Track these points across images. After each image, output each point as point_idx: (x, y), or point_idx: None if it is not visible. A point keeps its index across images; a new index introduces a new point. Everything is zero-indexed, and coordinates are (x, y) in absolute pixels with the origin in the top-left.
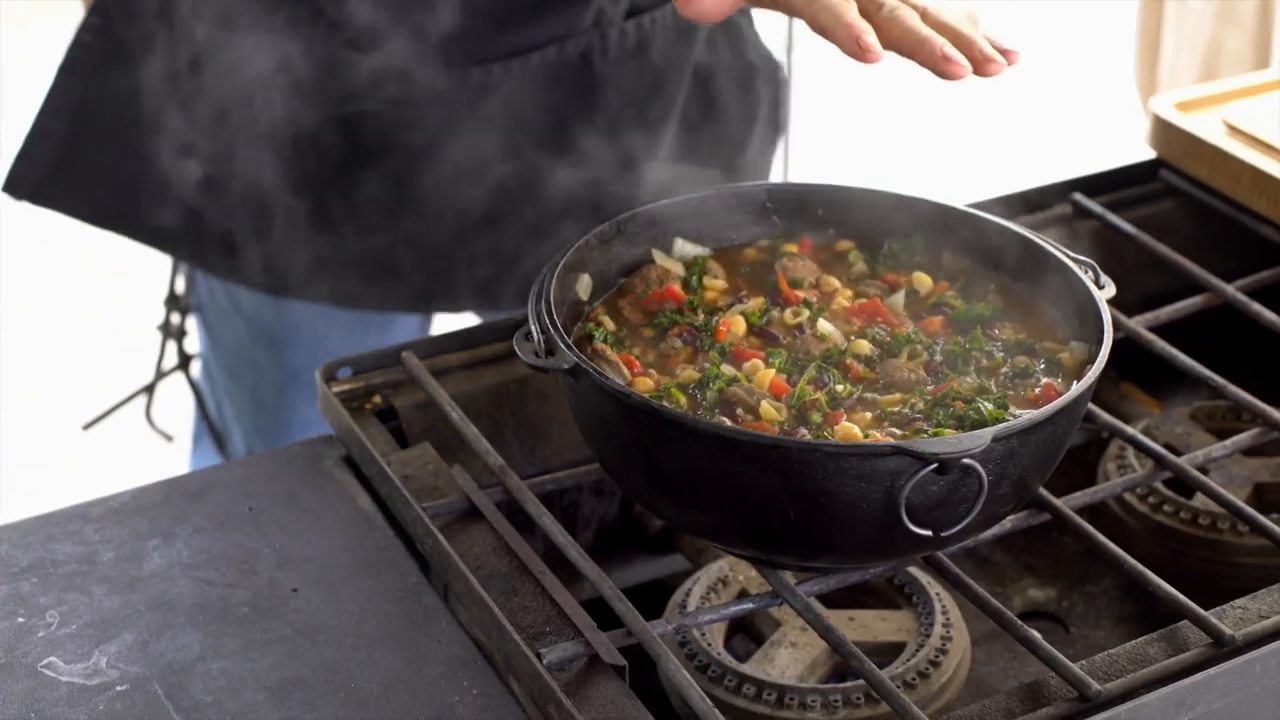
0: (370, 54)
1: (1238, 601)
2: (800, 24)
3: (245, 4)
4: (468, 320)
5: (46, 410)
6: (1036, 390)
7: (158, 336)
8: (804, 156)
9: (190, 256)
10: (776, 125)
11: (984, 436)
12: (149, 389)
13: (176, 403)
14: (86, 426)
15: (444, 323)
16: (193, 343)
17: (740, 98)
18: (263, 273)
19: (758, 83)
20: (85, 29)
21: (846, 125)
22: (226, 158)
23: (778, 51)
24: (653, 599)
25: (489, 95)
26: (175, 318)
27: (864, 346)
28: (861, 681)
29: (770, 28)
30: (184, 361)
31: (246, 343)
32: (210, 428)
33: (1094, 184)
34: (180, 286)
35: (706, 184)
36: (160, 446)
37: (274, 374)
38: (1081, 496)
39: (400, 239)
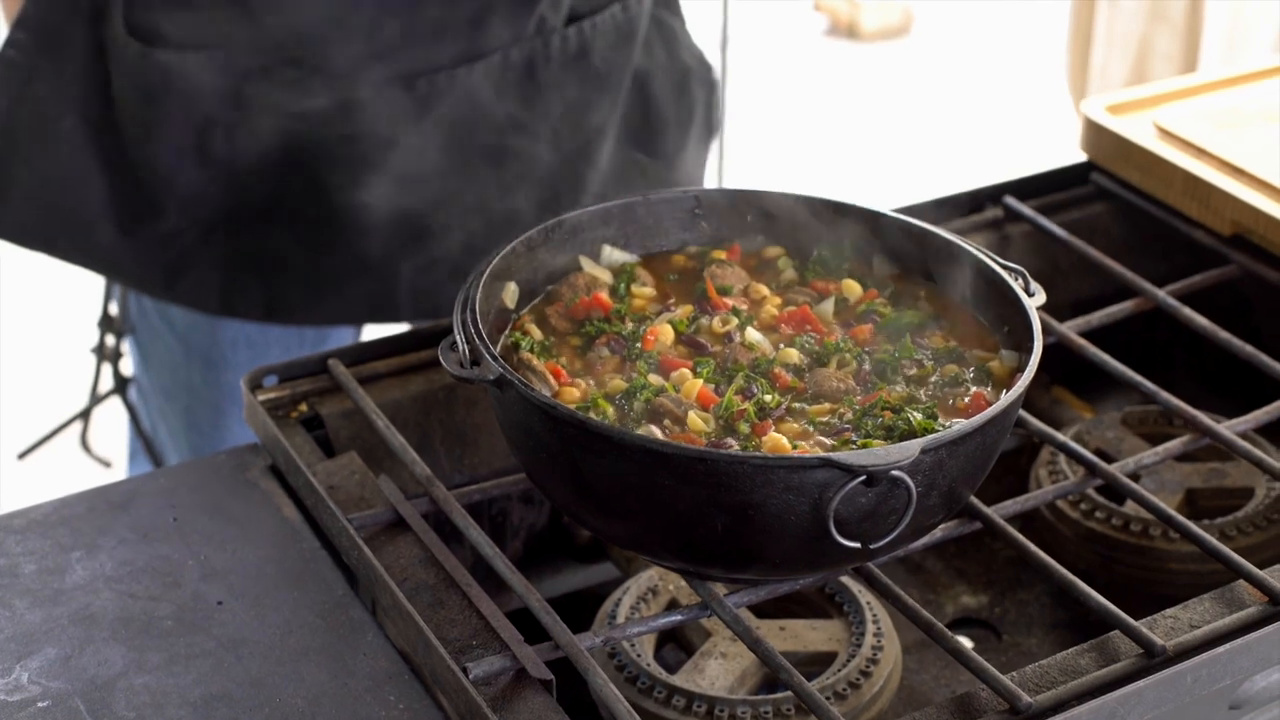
0: (314, 67)
1: (1169, 611)
2: (734, 22)
3: (182, 18)
4: (398, 327)
5: None
6: (966, 399)
7: (92, 359)
8: (737, 158)
9: (124, 278)
10: (711, 126)
11: (912, 448)
12: (84, 414)
13: (114, 427)
14: (21, 455)
15: (377, 333)
16: (129, 365)
17: (676, 100)
18: (198, 292)
19: (692, 84)
20: (9, 45)
21: (779, 126)
22: (160, 176)
23: (712, 51)
24: (583, 608)
25: (435, 104)
26: (110, 339)
27: (793, 355)
28: (791, 693)
29: (703, 27)
30: (120, 385)
31: (181, 362)
32: (148, 450)
33: (1025, 187)
34: (114, 308)
35: (648, 188)
36: (98, 473)
37: (209, 393)
38: (1013, 505)
39: (342, 252)
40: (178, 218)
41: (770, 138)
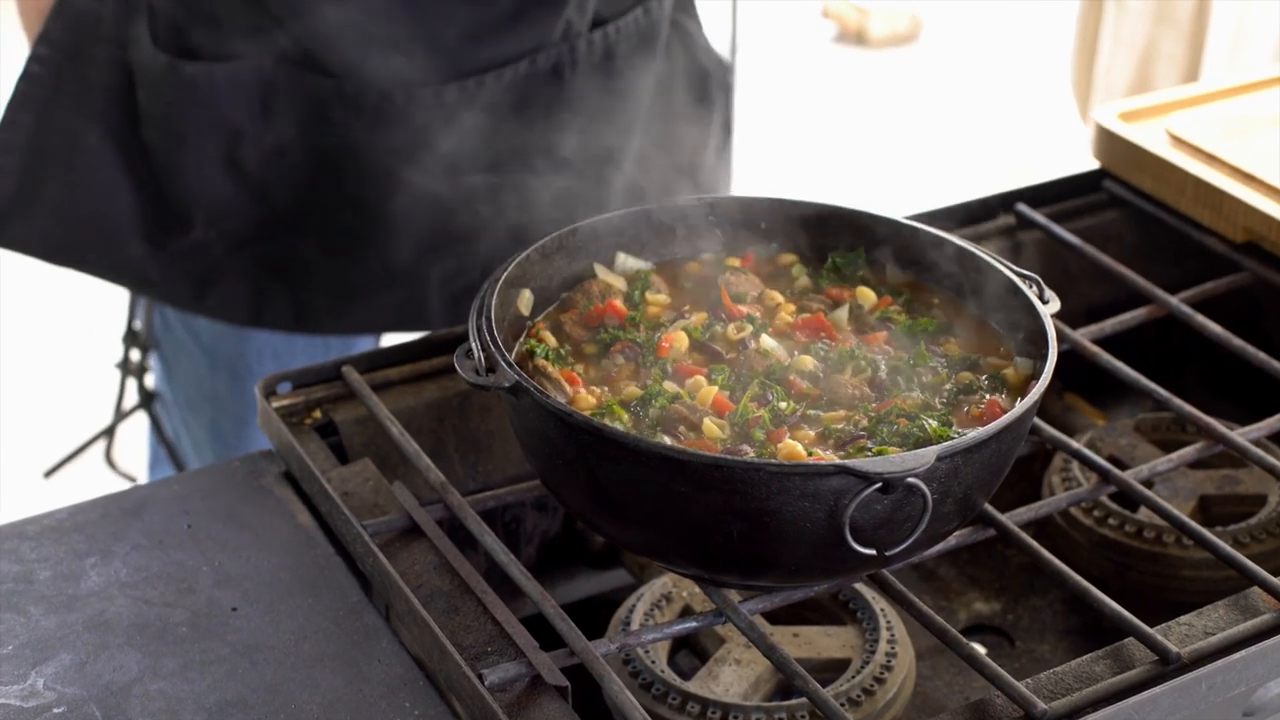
0: (341, 75)
1: (1183, 618)
2: (743, 29)
3: (209, 30)
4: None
5: (4, 457)
6: (980, 407)
7: (117, 375)
8: (746, 163)
9: (153, 291)
10: (729, 127)
11: (928, 455)
12: (110, 430)
13: (139, 444)
14: (48, 473)
15: (394, 340)
16: (154, 379)
17: (696, 102)
18: (227, 304)
19: (711, 86)
20: (34, 60)
21: (789, 132)
22: (188, 188)
23: (723, 54)
24: (596, 614)
25: (463, 111)
26: (135, 354)
27: (807, 362)
28: (806, 699)
29: (712, 34)
30: (146, 400)
31: (206, 375)
32: (173, 463)
33: (1038, 194)
34: (139, 323)
35: (672, 191)
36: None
37: (234, 404)
38: (1026, 511)
39: (371, 261)
40: (206, 230)
41: (779, 144)
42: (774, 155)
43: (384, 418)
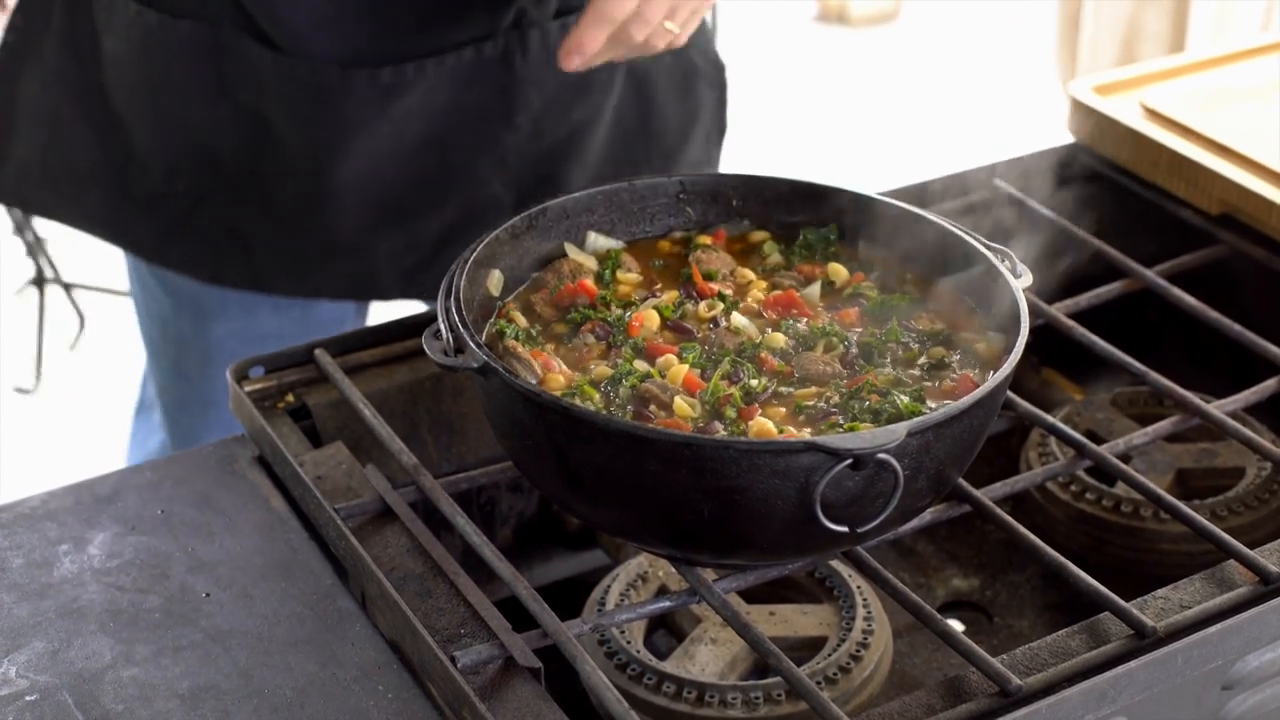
0: (288, 51)
1: (1159, 592)
2: (725, 8)
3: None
4: (391, 309)
5: None
6: (953, 381)
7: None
8: (727, 143)
9: (120, 241)
10: (721, 127)
11: (899, 431)
12: None
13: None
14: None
15: (374, 311)
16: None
17: (680, 100)
18: (189, 260)
19: (699, 85)
20: (10, 30)
21: (770, 111)
22: (148, 140)
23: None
24: (574, 595)
25: (400, 94)
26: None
27: (779, 340)
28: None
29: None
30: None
31: (171, 315)
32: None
33: (1013, 169)
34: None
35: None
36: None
37: (199, 343)
38: (1002, 487)
39: (318, 232)
40: (166, 184)
41: (761, 123)
42: (756, 134)
43: (356, 400)
